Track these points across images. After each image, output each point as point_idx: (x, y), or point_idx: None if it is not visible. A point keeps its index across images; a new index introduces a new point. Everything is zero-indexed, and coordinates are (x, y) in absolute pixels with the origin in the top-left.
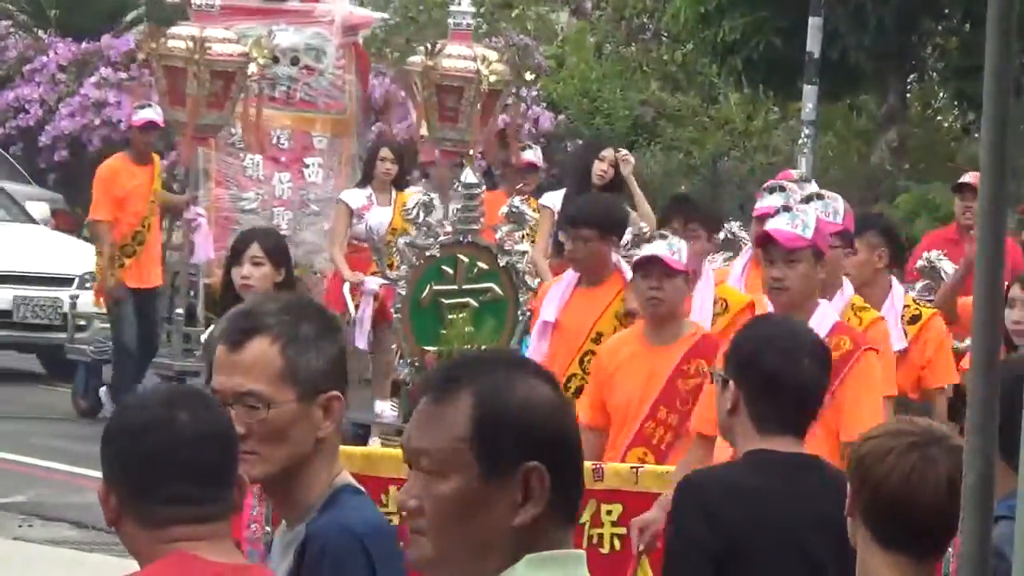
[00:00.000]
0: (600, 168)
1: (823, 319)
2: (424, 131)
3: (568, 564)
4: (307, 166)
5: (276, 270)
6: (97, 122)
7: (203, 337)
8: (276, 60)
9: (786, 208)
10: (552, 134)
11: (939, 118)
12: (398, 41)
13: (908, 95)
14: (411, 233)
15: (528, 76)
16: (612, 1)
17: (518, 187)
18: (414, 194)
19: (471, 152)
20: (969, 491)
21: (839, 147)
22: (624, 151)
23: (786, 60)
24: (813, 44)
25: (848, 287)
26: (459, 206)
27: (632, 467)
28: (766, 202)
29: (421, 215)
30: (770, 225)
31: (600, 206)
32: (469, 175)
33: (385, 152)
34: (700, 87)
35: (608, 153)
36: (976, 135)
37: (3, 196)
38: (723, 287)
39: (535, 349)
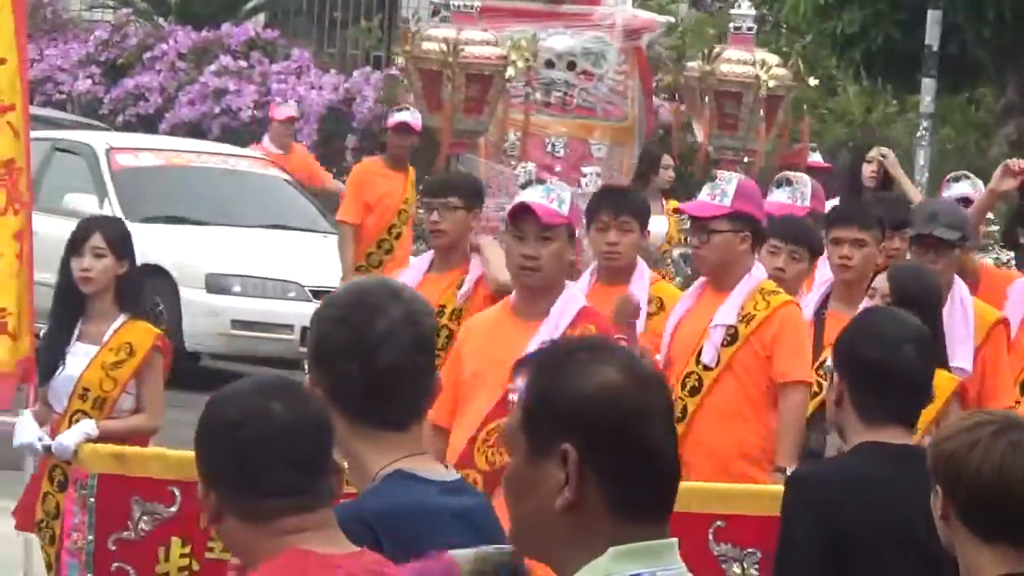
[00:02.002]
0: (870, 170)
1: (568, 303)
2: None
3: (655, 554)
4: (584, 175)
5: (119, 262)
6: (216, 110)
7: None
8: (551, 65)
9: (539, 181)
10: (672, 125)
11: None
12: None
13: None
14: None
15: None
16: None
17: None
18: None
19: (747, 159)
20: None
21: (957, 140)
22: (884, 148)
23: (905, 53)
24: (932, 37)
25: (759, 270)
26: None
27: None
28: (774, 197)
29: None
30: (527, 197)
31: (460, 176)
32: None
33: (668, 160)
34: (819, 79)
35: (874, 153)
36: None
37: (310, 207)
38: (659, 285)
39: None
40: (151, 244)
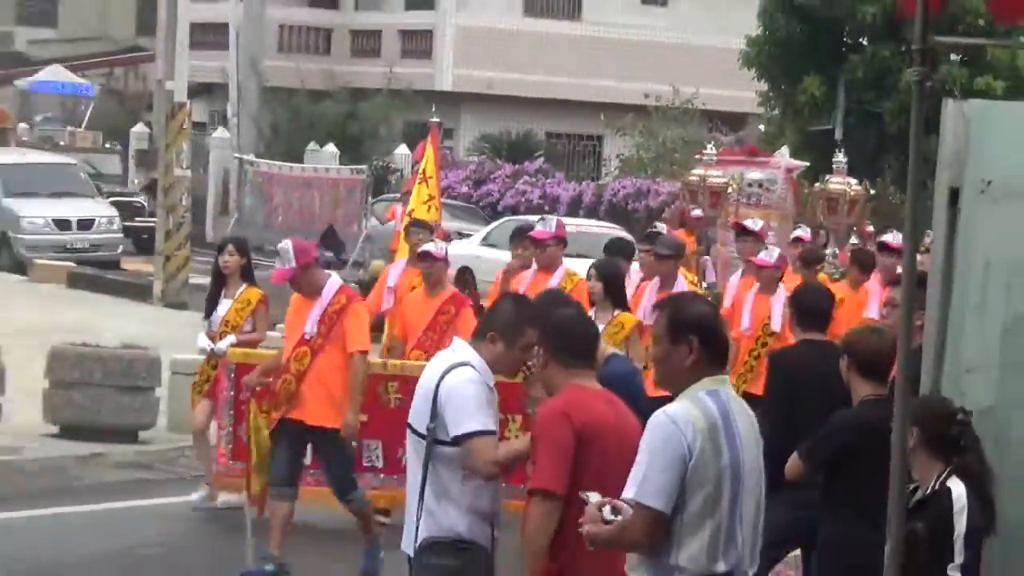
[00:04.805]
0: None
1: (332, 287)
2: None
3: (722, 382)
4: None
5: (242, 258)
6: (522, 200)
7: None
8: (751, 185)
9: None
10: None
11: None
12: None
13: None
14: None
15: None
16: None
17: None
18: None
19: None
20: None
21: None
22: None
23: None
24: None
25: (566, 265)
26: None
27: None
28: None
29: None
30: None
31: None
32: None
33: (818, 230)
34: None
35: None
36: None
37: None
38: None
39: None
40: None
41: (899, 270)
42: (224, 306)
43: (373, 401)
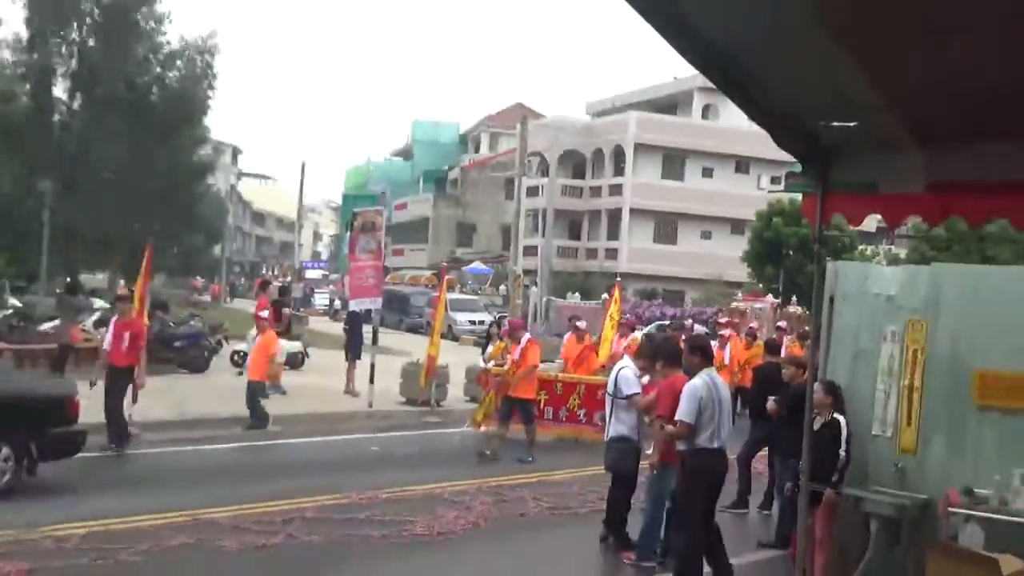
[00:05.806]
0: None
1: (526, 337)
2: None
3: (712, 370)
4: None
5: (499, 329)
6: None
7: None
8: (757, 309)
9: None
10: None
11: None
12: None
13: None
14: None
15: None
16: None
17: None
18: None
19: None
20: None
21: None
22: None
23: None
24: None
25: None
26: None
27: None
28: None
29: None
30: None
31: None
32: None
33: None
34: None
35: None
36: None
37: None
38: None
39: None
40: None
41: (784, 338)
42: (489, 350)
43: (551, 390)
